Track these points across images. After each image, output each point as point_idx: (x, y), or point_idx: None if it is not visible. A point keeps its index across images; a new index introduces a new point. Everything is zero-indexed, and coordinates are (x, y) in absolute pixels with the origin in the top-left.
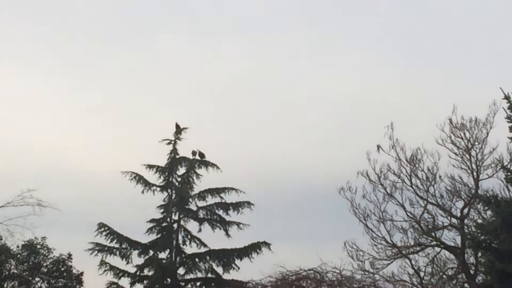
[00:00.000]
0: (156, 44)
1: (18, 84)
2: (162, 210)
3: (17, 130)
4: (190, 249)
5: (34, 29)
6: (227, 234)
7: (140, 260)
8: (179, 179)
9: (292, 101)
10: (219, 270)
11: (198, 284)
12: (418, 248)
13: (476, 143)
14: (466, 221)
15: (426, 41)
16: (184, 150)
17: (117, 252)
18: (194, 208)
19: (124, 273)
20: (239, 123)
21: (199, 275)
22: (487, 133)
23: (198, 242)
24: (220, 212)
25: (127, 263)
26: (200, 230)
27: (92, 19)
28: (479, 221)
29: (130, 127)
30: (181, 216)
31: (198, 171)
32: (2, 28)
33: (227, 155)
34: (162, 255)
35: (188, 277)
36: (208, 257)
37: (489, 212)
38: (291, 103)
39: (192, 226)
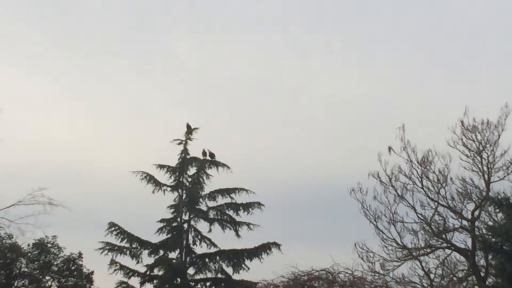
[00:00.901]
0: (166, 44)
1: (30, 84)
2: (172, 210)
3: (28, 130)
4: (200, 249)
5: (45, 30)
6: (237, 235)
7: (150, 260)
8: (189, 179)
9: (302, 102)
10: (229, 270)
11: (208, 284)
12: (428, 250)
13: (488, 145)
14: (477, 223)
15: (438, 42)
16: (195, 150)
17: (127, 252)
18: (205, 208)
19: (134, 272)
20: (250, 124)
21: (209, 275)
22: (499, 136)
23: (208, 242)
24: (230, 213)
25: (137, 262)
26: (210, 230)
27: (103, 20)
28: (490, 223)
29: (141, 127)
30: (191, 216)
31: (209, 171)
32: (13, 30)
33: (237, 156)
34: (172, 255)
35: (198, 277)
36: (218, 257)
37: (500, 215)
38: (302, 104)
39: (202, 226)
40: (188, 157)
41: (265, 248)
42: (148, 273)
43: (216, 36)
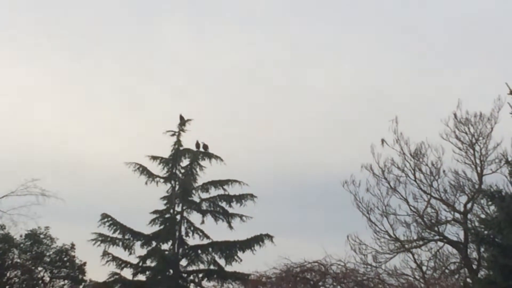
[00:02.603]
0: (159, 35)
1: (22, 74)
2: (165, 202)
3: (21, 120)
4: (193, 240)
5: (35, 18)
6: (230, 226)
7: (142, 251)
8: (182, 171)
9: (295, 93)
10: (222, 262)
11: (200, 275)
12: (421, 243)
13: (480, 138)
14: (469, 216)
15: (431, 35)
16: (188, 142)
17: (120, 243)
18: (197, 200)
19: (126, 264)
20: (243, 116)
21: (202, 266)
22: (492, 128)
23: (200, 233)
24: (223, 204)
25: (130, 254)
26: (203, 222)
27: (94, 9)
28: (482, 216)
29: (135, 118)
30: (184, 207)
31: (202, 163)
32: (5, 19)
33: (230, 147)
34: (165, 246)
35: (190, 268)
36: (210, 249)
37: (492, 207)
38: (295, 96)
39: (195, 217)
40: (181, 148)
41: (258, 240)
42: (140, 264)
43: (211, 28)
